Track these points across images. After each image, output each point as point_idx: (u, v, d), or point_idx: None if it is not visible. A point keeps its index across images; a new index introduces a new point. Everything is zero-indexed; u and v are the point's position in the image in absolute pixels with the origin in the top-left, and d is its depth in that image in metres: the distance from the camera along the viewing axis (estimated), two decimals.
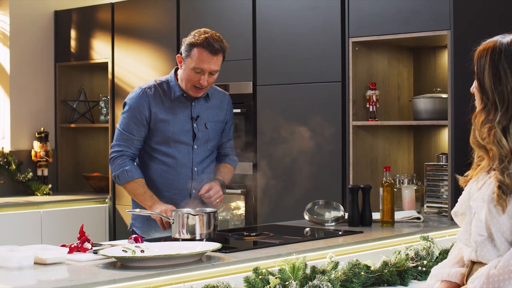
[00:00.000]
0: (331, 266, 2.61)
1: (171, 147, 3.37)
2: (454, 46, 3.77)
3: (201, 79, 3.30)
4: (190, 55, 3.30)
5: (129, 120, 3.36)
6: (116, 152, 3.37)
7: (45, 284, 2.31)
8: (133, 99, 3.38)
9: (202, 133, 3.42)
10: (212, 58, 3.29)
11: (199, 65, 3.28)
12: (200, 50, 3.28)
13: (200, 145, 3.41)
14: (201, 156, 3.42)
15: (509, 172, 2.09)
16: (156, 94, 3.38)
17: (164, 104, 3.37)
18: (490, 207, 2.11)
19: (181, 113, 3.38)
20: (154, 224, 3.34)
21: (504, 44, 2.16)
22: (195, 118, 3.40)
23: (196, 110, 3.42)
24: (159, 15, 5.22)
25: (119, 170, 3.34)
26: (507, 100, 2.13)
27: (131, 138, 3.36)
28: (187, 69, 3.32)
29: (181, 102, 3.40)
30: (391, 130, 4.33)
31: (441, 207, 3.92)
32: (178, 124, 3.37)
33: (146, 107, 3.35)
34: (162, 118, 3.35)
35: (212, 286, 2.33)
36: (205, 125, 3.43)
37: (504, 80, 2.14)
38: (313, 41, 4.35)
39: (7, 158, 5.60)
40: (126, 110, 3.39)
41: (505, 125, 2.13)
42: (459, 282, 2.24)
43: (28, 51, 5.82)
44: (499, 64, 2.14)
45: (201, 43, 3.28)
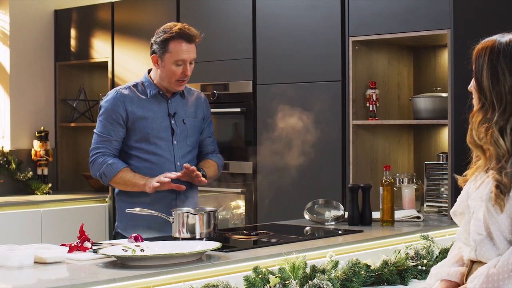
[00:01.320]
0: (331, 265, 2.61)
1: (151, 144, 3.38)
2: (454, 45, 3.77)
3: (185, 70, 3.34)
4: (168, 50, 3.33)
5: (106, 122, 3.37)
6: (96, 154, 3.38)
7: (45, 283, 2.31)
8: (108, 101, 3.39)
9: (181, 129, 3.44)
10: (190, 46, 3.34)
11: (180, 57, 3.32)
12: (177, 42, 3.32)
13: (179, 141, 3.43)
14: (182, 151, 3.44)
15: (507, 172, 2.09)
16: (131, 94, 3.40)
17: (141, 102, 3.39)
18: (489, 206, 2.11)
19: (158, 110, 3.40)
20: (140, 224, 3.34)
21: (503, 44, 2.16)
22: (173, 115, 3.43)
23: (173, 106, 3.44)
24: (159, 14, 5.22)
25: (103, 167, 3.34)
26: (505, 100, 2.13)
27: (109, 139, 3.36)
28: (168, 65, 3.34)
29: (158, 100, 3.42)
30: (391, 129, 4.33)
31: (441, 206, 3.92)
32: (156, 120, 3.39)
33: (121, 107, 3.36)
34: (140, 116, 3.36)
35: (212, 285, 2.33)
36: (183, 121, 3.45)
37: (502, 80, 2.14)
38: (313, 40, 4.35)
39: (7, 157, 5.60)
40: (102, 112, 3.40)
41: (502, 125, 2.13)
42: (459, 281, 2.24)
43: (28, 50, 5.82)
44: (497, 64, 2.14)
45: (176, 35, 3.32)
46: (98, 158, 3.37)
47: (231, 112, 4.69)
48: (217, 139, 3.74)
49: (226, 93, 4.75)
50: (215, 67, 4.82)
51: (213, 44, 4.81)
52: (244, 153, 4.66)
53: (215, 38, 4.81)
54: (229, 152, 4.72)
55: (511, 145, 2.12)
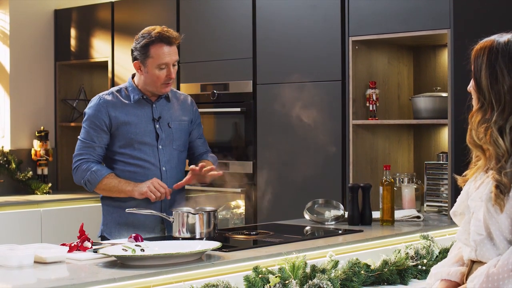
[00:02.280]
0: (331, 265, 2.61)
1: (135, 150, 3.35)
2: (454, 44, 3.77)
3: (169, 73, 3.31)
4: (149, 56, 3.30)
5: (89, 128, 3.34)
6: (79, 160, 3.34)
7: (45, 283, 2.31)
8: (91, 107, 3.37)
9: (166, 133, 3.40)
10: (171, 49, 3.31)
11: (162, 61, 3.29)
12: (158, 46, 3.29)
13: (165, 145, 3.40)
14: (167, 155, 3.40)
15: (507, 172, 2.09)
16: (114, 99, 3.37)
17: (124, 107, 3.36)
18: (488, 206, 2.11)
19: (142, 115, 3.37)
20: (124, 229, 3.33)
21: (501, 44, 2.16)
22: (157, 119, 3.39)
23: (158, 111, 3.40)
24: (159, 14, 5.22)
25: (87, 174, 3.31)
26: (504, 100, 2.13)
27: (92, 145, 3.34)
28: (151, 70, 3.31)
29: (141, 104, 3.38)
30: (391, 129, 4.33)
31: (441, 206, 3.92)
32: (140, 125, 3.35)
33: (104, 113, 3.33)
34: (124, 121, 3.33)
35: (212, 285, 2.33)
36: (168, 125, 3.41)
37: (500, 80, 2.14)
38: (313, 40, 4.35)
39: (7, 157, 5.60)
40: (85, 119, 3.38)
41: (501, 125, 2.13)
42: (459, 281, 2.24)
43: (28, 50, 5.82)
44: (495, 63, 2.14)
45: (156, 39, 3.29)
46: (81, 164, 3.33)
47: (231, 112, 4.69)
48: (217, 139, 3.74)
49: (226, 93, 4.75)
50: (215, 67, 4.82)
51: (213, 44, 4.81)
52: (244, 152, 4.66)
53: (215, 38, 4.81)
54: (229, 151, 4.72)
55: (511, 144, 2.12)
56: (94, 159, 3.34)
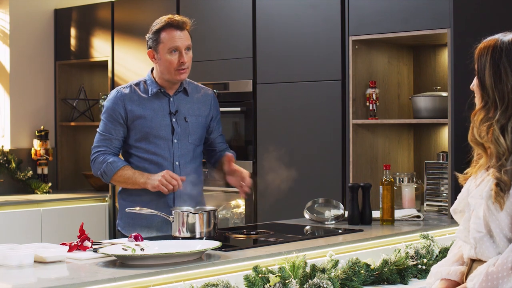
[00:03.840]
0: (331, 264, 2.61)
1: (151, 143, 3.38)
2: (454, 44, 3.77)
3: (181, 57, 3.33)
4: (160, 41, 3.35)
5: (107, 121, 3.40)
6: (97, 152, 3.39)
7: (45, 283, 2.31)
8: (109, 100, 3.42)
9: (182, 127, 3.42)
10: (181, 33, 3.35)
11: (173, 44, 3.33)
12: (167, 31, 3.34)
13: (180, 139, 3.42)
14: (182, 150, 3.42)
15: (507, 169, 2.10)
16: (131, 93, 3.41)
17: (141, 101, 3.39)
18: (489, 204, 2.11)
19: (159, 109, 3.40)
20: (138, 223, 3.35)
21: (505, 43, 2.16)
22: (174, 113, 3.41)
23: (175, 104, 3.43)
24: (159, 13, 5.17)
25: (103, 165, 3.35)
26: (507, 98, 2.14)
27: (109, 138, 3.38)
28: (163, 55, 3.35)
29: (159, 98, 3.41)
30: (391, 128, 4.33)
31: (441, 205, 3.92)
32: (156, 119, 3.38)
33: (121, 106, 3.38)
34: (139, 115, 3.37)
35: (212, 285, 2.33)
36: (184, 119, 3.43)
37: (504, 79, 2.14)
38: (313, 39, 4.35)
39: (7, 156, 5.60)
40: (103, 112, 3.44)
41: (503, 124, 2.14)
42: (459, 280, 2.24)
43: (28, 50, 5.82)
44: (499, 62, 2.15)
45: (165, 24, 3.35)
46: (98, 156, 3.38)
47: (231, 111, 4.69)
48: None
49: (226, 92, 4.75)
50: (215, 66, 4.82)
51: (213, 43, 4.81)
52: (244, 152, 4.66)
53: (215, 37, 4.81)
54: None
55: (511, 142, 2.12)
56: (111, 151, 3.39)
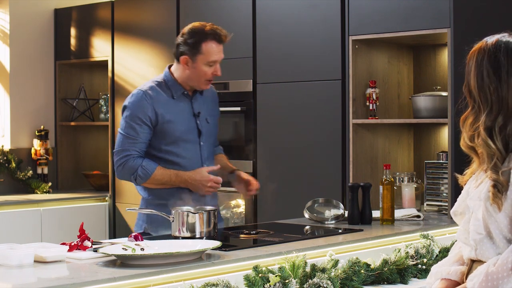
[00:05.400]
0: (331, 264, 2.61)
1: (180, 147, 3.35)
2: (454, 44, 3.77)
3: (216, 70, 3.34)
4: (201, 52, 3.31)
5: (133, 122, 3.30)
6: (125, 157, 3.31)
7: (45, 282, 2.31)
8: (135, 102, 3.33)
9: (205, 128, 3.43)
10: (220, 47, 3.35)
11: (212, 58, 3.32)
12: (211, 43, 3.31)
13: (205, 141, 3.43)
14: (207, 151, 3.44)
15: (504, 170, 2.09)
16: (158, 95, 3.34)
17: (168, 104, 3.35)
18: (487, 205, 2.11)
19: (184, 111, 3.38)
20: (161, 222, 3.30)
21: (489, 45, 2.16)
22: (197, 115, 3.41)
23: (197, 106, 3.42)
24: (159, 13, 5.22)
25: (137, 170, 3.29)
26: (490, 100, 2.13)
27: (136, 140, 3.31)
28: (200, 66, 3.32)
29: (182, 100, 3.39)
30: (391, 128, 4.33)
31: (441, 205, 3.92)
32: (184, 122, 3.36)
33: (150, 109, 3.30)
34: (169, 119, 3.32)
35: (212, 284, 2.33)
36: (206, 120, 3.44)
37: (486, 81, 2.14)
38: (313, 39, 4.35)
39: (7, 156, 5.60)
40: (128, 113, 3.33)
41: (489, 126, 2.13)
42: (459, 280, 2.24)
43: (28, 49, 5.82)
44: (482, 65, 2.15)
45: (209, 36, 3.31)
46: (128, 161, 3.30)
47: (231, 111, 4.69)
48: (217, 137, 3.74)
49: (226, 92, 4.75)
50: None
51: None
52: (244, 152, 4.66)
53: None
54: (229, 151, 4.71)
55: (502, 144, 2.12)
56: (139, 154, 3.32)
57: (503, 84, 2.12)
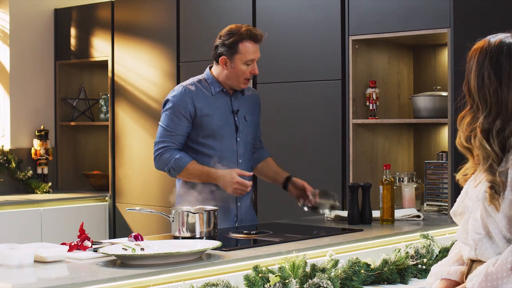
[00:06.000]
0: (331, 264, 2.61)
1: (217, 140, 3.47)
2: (454, 44, 3.77)
3: (253, 69, 3.45)
4: (238, 52, 3.43)
5: (173, 116, 3.44)
6: (162, 148, 3.44)
7: (45, 282, 2.31)
8: (176, 96, 3.47)
9: (243, 126, 3.54)
10: (257, 46, 3.47)
11: (250, 57, 3.44)
12: (247, 43, 3.43)
13: (242, 138, 3.53)
14: (243, 148, 3.53)
15: (501, 171, 2.09)
16: (198, 90, 3.48)
17: (207, 99, 3.48)
18: (485, 206, 2.11)
19: (223, 107, 3.50)
20: None
21: (492, 45, 2.15)
22: (236, 112, 3.52)
23: (236, 104, 3.53)
24: (159, 13, 5.22)
25: (171, 162, 3.40)
26: (489, 102, 2.13)
27: (174, 133, 3.44)
28: (238, 65, 3.44)
29: (221, 97, 3.51)
30: (391, 128, 4.33)
31: (441, 205, 3.92)
32: (222, 117, 3.48)
33: (190, 103, 3.44)
34: (207, 113, 3.45)
35: (212, 284, 2.33)
36: (244, 118, 3.55)
37: (487, 82, 2.13)
38: (313, 39, 4.35)
39: (7, 156, 5.60)
40: (169, 107, 3.47)
41: (486, 128, 2.12)
42: (459, 280, 2.24)
43: (28, 49, 5.82)
44: (483, 65, 2.14)
45: (245, 36, 3.43)
46: (164, 152, 3.43)
47: None
48: None
49: None
50: None
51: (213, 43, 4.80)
52: None
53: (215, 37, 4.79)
54: None
55: (498, 146, 2.11)
56: (176, 146, 3.45)
57: (504, 87, 2.12)
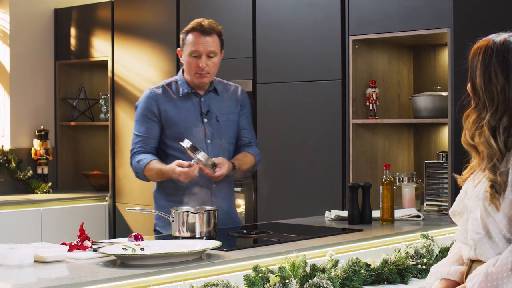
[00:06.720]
0: (331, 264, 2.61)
1: None
2: (454, 44, 3.77)
3: (200, 62, 3.37)
4: (185, 43, 3.40)
5: (142, 120, 3.43)
6: (132, 155, 3.43)
7: (45, 282, 2.31)
8: (142, 100, 3.46)
9: (214, 127, 3.45)
10: (206, 38, 3.38)
11: (194, 48, 3.37)
12: (193, 34, 3.39)
13: (214, 140, 3.44)
14: (217, 150, 3.43)
15: (501, 171, 2.09)
16: (164, 93, 3.44)
17: (173, 102, 3.43)
18: (485, 205, 2.11)
19: (191, 110, 3.44)
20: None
21: (497, 44, 2.16)
22: (205, 113, 3.45)
23: (206, 104, 3.46)
24: (159, 13, 5.22)
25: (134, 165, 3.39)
26: (497, 100, 2.13)
27: (146, 138, 3.42)
28: (186, 57, 3.41)
29: (190, 99, 3.45)
30: (391, 128, 4.33)
31: (441, 205, 3.92)
32: (188, 120, 3.42)
33: (154, 105, 3.41)
34: (172, 115, 3.40)
35: (212, 284, 2.33)
36: (216, 118, 3.46)
37: (494, 80, 2.14)
38: (313, 39, 4.35)
39: (7, 156, 5.60)
40: (137, 113, 3.46)
41: (493, 125, 2.13)
42: (459, 280, 2.24)
43: (28, 49, 5.82)
44: (490, 63, 2.15)
45: (193, 27, 3.39)
46: (132, 158, 3.42)
47: None
48: None
49: None
50: None
51: None
52: None
53: None
54: None
55: (504, 145, 2.12)
56: (146, 150, 3.42)
57: (511, 85, 2.13)
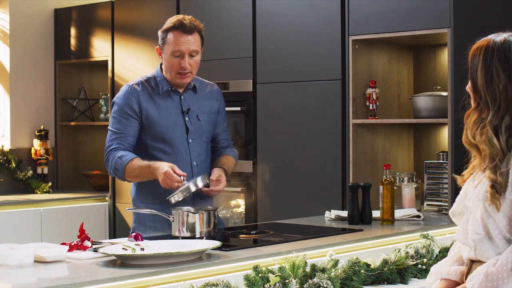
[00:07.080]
0: (331, 264, 2.61)
1: (166, 143, 3.31)
2: (454, 44, 3.77)
3: (182, 62, 3.27)
4: (166, 42, 3.29)
5: (120, 117, 3.29)
6: (109, 151, 3.28)
7: (45, 282, 2.31)
8: (121, 96, 3.32)
9: (195, 126, 3.37)
10: (188, 37, 3.28)
11: (177, 48, 3.27)
12: (174, 32, 3.27)
13: (195, 138, 3.36)
14: (198, 149, 3.37)
15: (502, 171, 2.09)
16: (144, 90, 3.33)
17: (154, 100, 3.32)
18: (486, 206, 2.11)
19: (171, 108, 3.34)
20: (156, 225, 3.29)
21: (497, 43, 2.16)
22: (186, 111, 3.36)
23: (186, 103, 3.37)
24: (159, 13, 5.22)
25: (113, 162, 3.24)
26: (499, 99, 2.14)
27: (123, 135, 3.28)
28: (167, 56, 3.30)
29: (170, 96, 3.35)
30: (391, 128, 4.33)
31: (441, 205, 3.92)
32: (170, 119, 3.32)
33: (135, 102, 3.29)
34: (153, 114, 3.30)
35: (212, 284, 2.33)
36: (197, 117, 3.38)
37: (496, 80, 2.14)
38: (313, 39, 4.35)
39: (7, 156, 5.60)
40: (115, 109, 3.32)
41: (496, 125, 2.13)
42: (459, 280, 2.25)
43: (28, 49, 5.82)
44: (491, 63, 2.15)
45: (173, 26, 3.28)
46: (110, 154, 3.27)
47: (231, 111, 4.68)
48: None
49: (226, 92, 4.74)
50: (215, 66, 4.82)
51: (213, 43, 4.80)
52: (244, 152, 4.66)
53: (215, 37, 4.81)
54: None
55: (506, 144, 2.12)
56: (124, 147, 3.27)
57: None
